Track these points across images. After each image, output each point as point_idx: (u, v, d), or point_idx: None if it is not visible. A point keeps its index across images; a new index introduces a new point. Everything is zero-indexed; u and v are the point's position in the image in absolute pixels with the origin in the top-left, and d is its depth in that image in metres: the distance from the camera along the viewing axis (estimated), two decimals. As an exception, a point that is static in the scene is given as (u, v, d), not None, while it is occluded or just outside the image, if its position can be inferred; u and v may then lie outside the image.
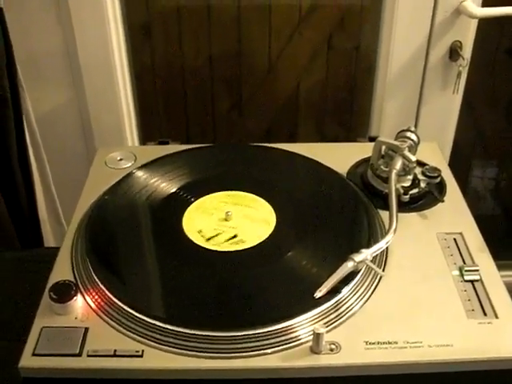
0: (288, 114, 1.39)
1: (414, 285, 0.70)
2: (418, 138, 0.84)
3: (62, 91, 1.22)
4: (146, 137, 1.37)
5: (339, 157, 0.91)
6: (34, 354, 0.62)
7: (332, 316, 0.65)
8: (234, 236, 0.76)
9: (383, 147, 0.84)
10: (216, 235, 0.77)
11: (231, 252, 0.74)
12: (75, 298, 0.66)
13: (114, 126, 1.26)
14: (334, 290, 0.67)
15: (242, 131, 1.41)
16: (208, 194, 0.84)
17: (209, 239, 0.76)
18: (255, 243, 0.75)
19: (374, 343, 0.63)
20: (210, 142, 1.35)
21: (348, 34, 1.29)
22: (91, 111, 1.23)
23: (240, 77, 1.34)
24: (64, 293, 0.66)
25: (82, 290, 0.68)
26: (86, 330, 0.64)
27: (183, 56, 1.30)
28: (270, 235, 0.77)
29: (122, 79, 1.23)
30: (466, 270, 0.71)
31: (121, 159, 0.92)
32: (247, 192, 0.84)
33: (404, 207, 0.80)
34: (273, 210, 0.81)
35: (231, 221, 0.79)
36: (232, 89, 1.36)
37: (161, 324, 0.64)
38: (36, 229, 1.19)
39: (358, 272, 0.69)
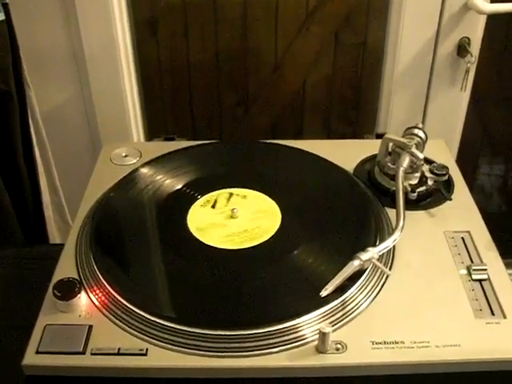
0: (294, 110, 1.39)
1: (420, 284, 0.69)
2: (425, 135, 0.84)
3: (68, 87, 1.22)
4: (151, 133, 1.37)
5: (346, 154, 0.90)
6: (37, 352, 0.61)
7: (338, 315, 0.64)
8: (240, 234, 0.76)
9: (390, 144, 0.83)
10: (221, 232, 0.76)
11: (236, 250, 0.73)
12: (79, 295, 0.66)
13: (120, 122, 1.26)
14: (340, 289, 0.66)
15: (248, 127, 1.41)
16: (213, 190, 0.83)
17: (214, 236, 0.75)
18: (261, 241, 0.75)
19: (380, 343, 0.62)
20: (216, 138, 1.35)
21: (355, 30, 1.29)
22: (96, 107, 1.23)
23: (246, 73, 1.33)
24: (68, 290, 0.66)
25: (86, 287, 0.68)
26: (90, 327, 0.64)
27: (189, 52, 1.29)
28: (275, 233, 0.76)
29: (127, 75, 1.23)
30: (474, 269, 0.70)
31: (126, 155, 0.92)
32: (253, 189, 0.84)
33: (411, 205, 0.79)
34: (278, 208, 0.80)
35: (237, 218, 0.79)
36: (238, 85, 1.35)
37: (165, 322, 0.63)
38: (41, 225, 1.19)
39: (365, 271, 0.68)
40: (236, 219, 0.78)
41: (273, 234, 0.76)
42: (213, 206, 0.81)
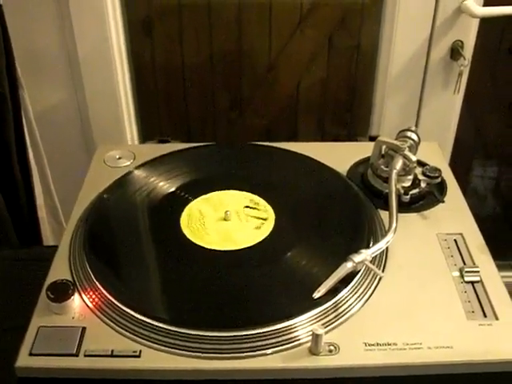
0: (288, 112, 1.39)
1: (413, 286, 0.69)
2: (418, 137, 0.84)
3: (61, 89, 1.22)
4: (146, 135, 1.37)
5: (339, 156, 0.90)
6: (30, 354, 0.61)
7: (331, 317, 0.65)
8: (233, 235, 0.76)
9: (383, 147, 0.83)
10: (214, 234, 0.76)
11: (230, 251, 0.74)
12: (72, 297, 0.66)
13: (114, 124, 1.25)
14: (333, 291, 0.66)
15: (243, 130, 1.41)
16: (207, 193, 0.84)
17: (207, 238, 0.75)
18: (254, 243, 0.75)
19: (373, 344, 0.62)
20: (210, 140, 1.35)
21: (349, 32, 1.29)
22: (90, 109, 1.23)
23: (240, 75, 1.33)
24: (61, 292, 0.66)
25: (80, 289, 0.68)
26: (84, 329, 0.64)
27: (184, 54, 1.29)
28: (269, 235, 0.76)
29: (121, 76, 1.23)
30: (467, 271, 0.71)
31: (120, 158, 0.92)
32: (246, 191, 0.84)
33: (404, 207, 0.80)
34: (272, 210, 0.80)
35: (230, 220, 0.79)
36: (232, 87, 1.35)
37: (159, 324, 0.63)
38: (35, 227, 1.19)
39: (358, 273, 0.69)
40: (229, 221, 0.78)
41: (266, 235, 0.76)
42: (206, 209, 0.81)
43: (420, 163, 0.85)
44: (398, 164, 0.80)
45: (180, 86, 1.34)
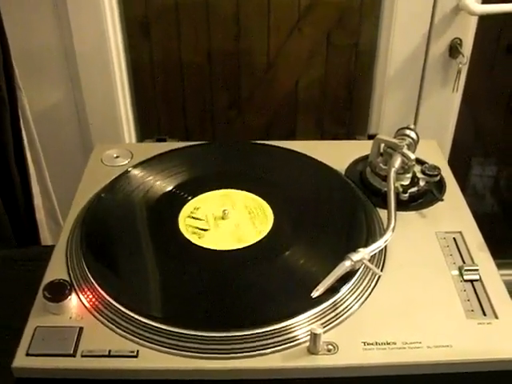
0: (287, 111, 1.39)
1: (412, 285, 0.69)
2: (417, 135, 0.84)
3: (59, 88, 1.21)
4: (143, 134, 1.36)
5: (338, 154, 0.90)
6: (27, 354, 0.61)
7: (329, 316, 0.64)
8: (231, 235, 0.76)
9: (382, 145, 0.83)
10: (212, 234, 0.76)
11: (228, 251, 0.73)
12: (69, 297, 0.66)
13: (111, 123, 1.25)
14: (332, 290, 0.66)
15: (241, 128, 1.40)
16: (205, 191, 0.83)
17: (205, 238, 0.75)
18: (252, 242, 0.74)
19: (372, 344, 0.62)
20: (209, 139, 1.35)
21: (347, 30, 1.29)
22: (88, 108, 1.22)
23: (239, 73, 1.33)
24: (58, 292, 0.66)
25: (77, 289, 0.68)
26: (81, 329, 0.63)
27: (181, 52, 1.29)
28: (267, 234, 0.76)
29: (119, 75, 1.22)
30: (466, 270, 0.70)
31: (117, 156, 0.91)
32: (244, 190, 0.83)
33: (403, 206, 0.79)
34: (270, 209, 0.80)
35: (228, 219, 0.78)
36: (231, 85, 1.35)
37: (156, 324, 0.63)
38: (33, 227, 1.18)
39: (356, 271, 0.68)
40: (227, 220, 0.78)
41: (264, 234, 0.76)
42: (204, 208, 0.80)
43: (419, 161, 0.85)
44: (397, 162, 0.80)
45: (178, 85, 1.34)
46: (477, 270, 0.70)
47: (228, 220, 0.78)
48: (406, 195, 0.80)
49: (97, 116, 1.23)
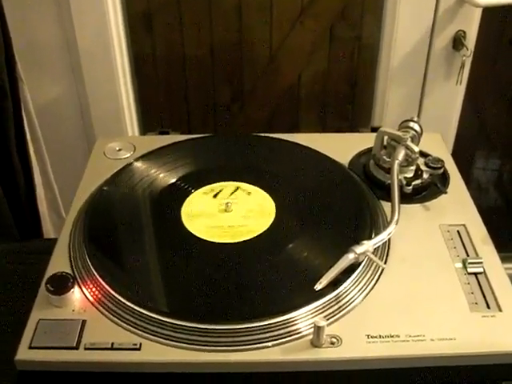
0: (289, 104, 1.38)
1: (416, 277, 0.69)
2: (421, 128, 0.83)
3: (61, 81, 1.21)
4: (146, 127, 1.36)
5: (341, 147, 0.90)
6: (30, 347, 0.61)
7: (333, 309, 0.64)
8: (235, 227, 0.75)
9: (386, 137, 0.83)
10: (215, 226, 0.76)
11: (231, 244, 0.73)
12: (72, 290, 0.66)
13: (114, 115, 1.25)
14: (335, 283, 0.66)
15: (244, 121, 1.40)
16: (208, 184, 0.83)
17: (208, 230, 0.75)
18: (255, 235, 0.74)
19: (375, 337, 0.62)
20: (211, 132, 1.34)
21: (350, 23, 1.28)
22: (91, 101, 1.22)
23: (241, 67, 1.33)
24: (61, 285, 0.66)
25: (80, 282, 0.68)
26: (84, 322, 0.63)
27: (184, 45, 1.29)
28: (270, 226, 0.76)
29: (121, 69, 1.22)
30: (470, 263, 0.70)
31: (120, 149, 0.91)
32: (247, 183, 0.83)
33: (406, 198, 0.79)
34: (273, 201, 0.80)
35: (231, 212, 0.78)
36: (233, 79, 1.35)
37: (159, 317, 0.63)
38: (35, 220, 1.18)
39: (360, 264, 0.68)
40: (230, 213, 0.78)
41: (267, 227, 0.75)
42: (207, 200, 0.80)
43: (422, 154, 0.84)
44: (401, 155, 0.79)
45: (180, 78, 1.33)
46: (481, 262, 0.70)
47: (231, 213, 0.78)
48: (410, 188, 0.80)
49: (99, 109, 1.23)
